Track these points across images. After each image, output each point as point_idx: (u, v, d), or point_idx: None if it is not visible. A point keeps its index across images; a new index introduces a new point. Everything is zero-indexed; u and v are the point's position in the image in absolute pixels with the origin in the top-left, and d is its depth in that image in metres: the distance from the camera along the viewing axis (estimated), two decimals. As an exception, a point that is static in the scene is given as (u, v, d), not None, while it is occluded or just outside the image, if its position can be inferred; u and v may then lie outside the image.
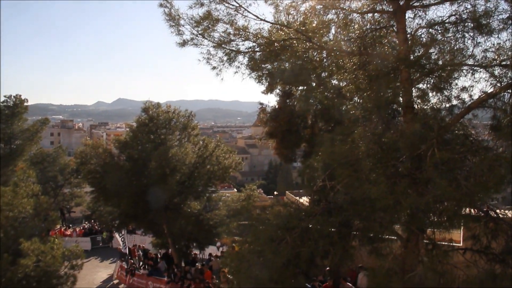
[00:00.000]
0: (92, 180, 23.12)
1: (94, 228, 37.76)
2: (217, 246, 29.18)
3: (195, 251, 26.76)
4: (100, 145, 23.49)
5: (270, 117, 21.52)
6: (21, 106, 40.07)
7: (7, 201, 13.50)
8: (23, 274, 12.54)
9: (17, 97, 40.26)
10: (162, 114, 23.60)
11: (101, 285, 27.38)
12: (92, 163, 22.77)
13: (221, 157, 23.76)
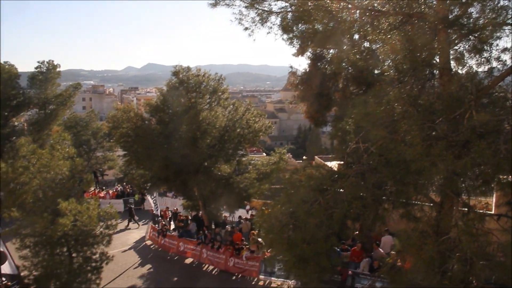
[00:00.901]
0: (124, 143, 23.45)
1: (126, 191, 38.61)
2: (246, 209, 29.52)
3: (225, 213, 27.15)
4: (131, 109, 23.70)
5: (301, 80, 21.29)
6: (54, 71, 40.60)
7: (44, 163, 13.86)
8: (62, 233, 12.97)
9: (50, 63, 40.78)
10: (193, 77, 23.51)
11: (134, 245, 28.19)
12: (124, 127, 23.02)
13: (251, 121, 23.72)
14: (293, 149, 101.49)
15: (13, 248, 16.23)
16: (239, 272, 22.33)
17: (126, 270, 23.92)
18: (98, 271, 14.82)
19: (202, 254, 24.24)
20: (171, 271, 23.98)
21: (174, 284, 22.24)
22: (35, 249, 14.10)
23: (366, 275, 18.36)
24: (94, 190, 37.19)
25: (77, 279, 14.36)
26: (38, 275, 14.37)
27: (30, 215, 13.47)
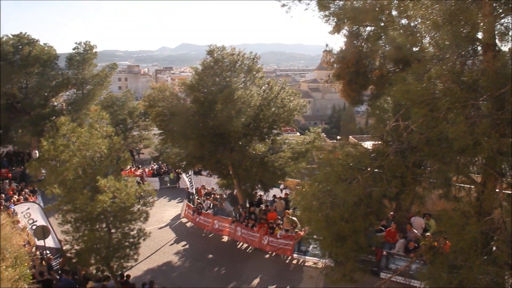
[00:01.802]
0: (160, 122, 23.69)
1: (162, 169, 39.18)
2: (280, 188, 29.56)
3: (259, 192, 27.25)
4: (167, 88, 23.87)
5: (337, 58, 20.99)
6: (90, 52, 41.28)
7: (84, 141, 14.16)
8: (101, 209, 13.29)
9: (87, 44, 41.42)
10: (227, 56, 23.44)
11: (170, 222, 28.73)
12: (160, 106, 23.25)
13: (286, 100, 23.54)
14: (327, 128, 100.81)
15: (56, 223, 16.76)
16: (273, 250, 22.50)
17: (162, 246, 24.45)
18: (136, 247, 15.16)
19: (236, 232, 24.51)
20: (205, 249, 24.34)
21: (208, 261, 22.60)
22: (76, 224, 14.49)
23: (401, 256, 18.22)
24: (130, 168, 37.88)
25: (116, 254, 14.73)
26: (79, 249, 14.80)
27: (71, 192, 13.82)
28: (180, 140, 23.52)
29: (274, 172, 23.37)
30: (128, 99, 49.62)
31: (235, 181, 25.12)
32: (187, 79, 26.51)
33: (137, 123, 48.70)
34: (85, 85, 41.57)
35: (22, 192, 28.78)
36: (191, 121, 22.01)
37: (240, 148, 23.15)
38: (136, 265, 19.12)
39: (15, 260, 8.47)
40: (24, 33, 41.10)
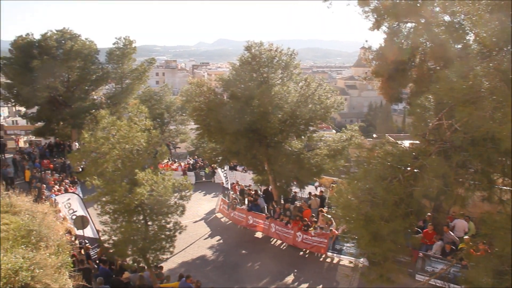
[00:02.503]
0: (197, 117, 23.84)
1: (197, 163, 39.52)
2: (315, 185, 29.39)
3: (294, 189, 27.16)
4: (204, 84, 24.00)
5: (376, 55, 20.65)
6: (130, 47, 42.08)
7: (123, 134, 14.40)
8: (139, 201, 13.49)
9: (126, 39, 42.22)
10: (265, 52, 23.39)
11: (205, 217, 28.98)
12: (197, 101, 23.41)
13: (323, 97, 23.32)
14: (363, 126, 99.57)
15: (94, 213, 17.13)
16: (307, 248, 22.40)
17: (197, 240, 24.68)
18: (172, 239, 15.33)
19: (270, 228, 24.49)
20: (239, 244, 24.45)
21: (242, 257, 22.67)
22: (114, 215, 14.75)
23: (438, 259, 17.82)
24: (166, 162, 38.37)
25: (152, 246, 14.93)
26: (116, 240, 15.07)
27: (110, 184, 14.08)
28: (216, 135, 23.65)
29: (309, 169, 23.22)
30: (165, 93, 50.36)
31: (270, 177, 25.09)
32: (224, 74, 26.62)
33: (174, 118, 49.40)
34: (124, 79, 42.42)
35: (62, 182, 29.53)
36: (227, 117, 22.08)
37: (276, 144, 23.11)
38: (171, 258, 19.41)
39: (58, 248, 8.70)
40: (67, 28, 42.22)
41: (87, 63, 40.76)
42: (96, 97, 43.93)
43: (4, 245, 7.86)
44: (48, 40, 39.91)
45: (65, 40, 40.59)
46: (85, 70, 40.69)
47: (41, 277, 7.50)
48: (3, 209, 9.48)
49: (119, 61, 41.56)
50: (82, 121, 39.36)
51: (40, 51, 39.70)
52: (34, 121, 44.95)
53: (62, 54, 39.77)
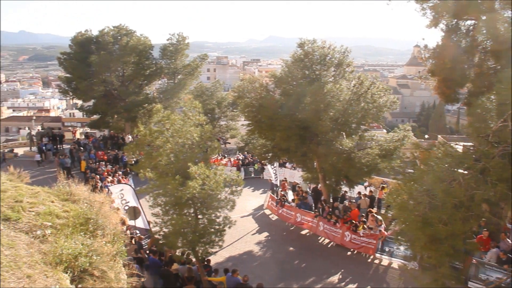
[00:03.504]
0: (248, 113, 23.92)
1: (247, 159, 39.70)
2: (365, 185, 28.97)
3: (344, 188, 26.85)
4: (256, 80, 24.08)
5: (432, 54, 20.08)
6: (183, 43, 42.84)
7: (177, 129, 14.66)
8: (191, 195, 13.68)
9: (180, 35, 42.98)
10: (318, 49, 23.21)
11: (253, 212, 29.08)
12: (249, 97, 23.51)
13: (376, 95, 22.88)
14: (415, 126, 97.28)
15: (146, 205, 17.52)
16: (355, 248, 22.13)
17: (244, 235, 24.80)
18: (221, 233, 15.44)
19: (318, 227, 24.34)
20: (286, 241, 24.41)
21: (289, 254, 22.63)
22: (165, 208, 15.01)
23: (493, 267, 17.11)
24: (216, 157, 38.79)
25: (202, 239, 15.10)
26: (167, 232, 15.34)
27: (163, 177, 14.36)
28: (267, 131, 23.68)
29: (360, 168, 22.85)
30: (217, 89, 50.94)
31: (320, 175, 24.91)
32: (275, 71, 26.61)
33: (224, 113, 49.87)
34: (176, 74, 43.23)
35: (115, 174, 30.38)
36: (279, 113, 22.07)
37: (327, 142, 22.88)
38: (218, 252, 19.58)
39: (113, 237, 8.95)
40: (123, 25, 43.45)
41: (141, 59, 41.82)
42: (149, 91, 45.00)
43: (65, 231, 8.16)
44: (105, 36, 41.28)
45: (121, 36, 41.86)
46: (139, 65, 41.77)
47: (98, 264, 7.74)
48: (64, 197, 9.83)
49: (172, 57, 42.42)
50: (135, 115, 40.43)
51: (98, 46, 41.16)
52: (90, 114, 46.59)
53: (118, 50, 41.04)
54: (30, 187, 9.91)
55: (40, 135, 42.02)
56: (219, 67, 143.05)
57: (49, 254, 7.24)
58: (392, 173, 22.57)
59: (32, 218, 8.24)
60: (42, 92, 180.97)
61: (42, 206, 8.84)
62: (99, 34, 42.05)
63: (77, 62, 41.03)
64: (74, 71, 41.37)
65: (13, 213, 7.99)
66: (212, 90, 50.72)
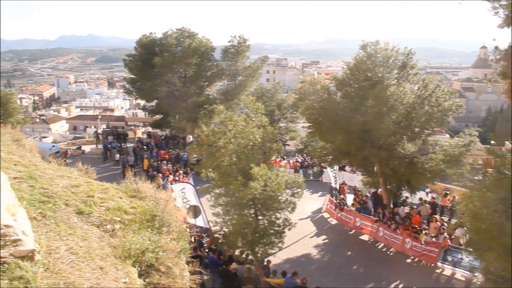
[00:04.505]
0: (309, 115, 23.84)
1: (306, 162, 39.49)
2: (426, 191, 28.16)
3: (405, 194, 26.22)
4: (318, 82, 23.95)
5: (504, 55, 19.20)
6: (244, 45, 43.27)
7: (240, 130, 14.83)
8: (252, 196, 13.79)
9: (241, 37, 43.50)
10: (380, 51, 22.82)
11: (311, 215, 28.95)
12: (310, 99, 23.43)
13: (441, 99, 22.15)
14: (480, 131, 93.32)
15: (207, 204, 17.84)
16: (416, 255, 21.59)
17: (302, 238, 24.73)
18: (281, 235, 15.48)
19: (378, 232, 23.92)
20: (345, 245, 24.17)
21: (347, 258, 22.39)
22: (226, 207, 15.23)
23: None
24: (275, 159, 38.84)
25: (262, 240, 15.19)
26: (227, 232, 15.55)
27: (225, 177, 14.57)
28: (328, 134, 23.54)
29: (423, 173, 22.21)
30: (277, 91, 51.17)
31: (381, 179, 24.44)
32: (335, 73, 26.37)
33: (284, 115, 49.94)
34: (237, 76, 43.69)
35: (176, 173, 31.06)
36: (340, 116, 21.85)
37: (388, 146, 22.43)
38: (276, 253, 19.63)
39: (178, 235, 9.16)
40: (185, 27, 44.56)
41: (203, 60, 42.65)
42: (209, 92, 45.79)
43: (132, 227, 8.44)
44: (168, 38, 42.43)
45: (184, 38, 42.89)
46: (201, 66, 42.61)
47: (164, 260, 7.95)
48: (131, 193, 10.17)
49: (233, 59, 42.95)
50: (196, 115, 41.28)
51: (161, 48, 42.39)
52: (152, 114, 48.01)
53: (180, 52, 42.09)
54: (100, 183, 10.34)
55: (106, 133, 43.75)
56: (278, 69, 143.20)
57: (119, 248, 7.50)
58: (460, 179, 21.80)
59: (103, 212, 8.58)
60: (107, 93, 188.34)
61: (112, 201, 9.17)
62: (163, 37, 43.31)
63: (142, 64, 42.48)
64: (139, 72, 42.88)
65: (85, 207, 8.34)
66: (272, 92, 50.99)
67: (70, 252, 6.22)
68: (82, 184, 9.61)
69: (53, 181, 9.26)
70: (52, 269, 5.40)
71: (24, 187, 8.30)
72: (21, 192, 7.73)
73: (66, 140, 58.75)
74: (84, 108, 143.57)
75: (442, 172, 22.02)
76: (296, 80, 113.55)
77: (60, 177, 9.83)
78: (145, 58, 42.32)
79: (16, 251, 4.90)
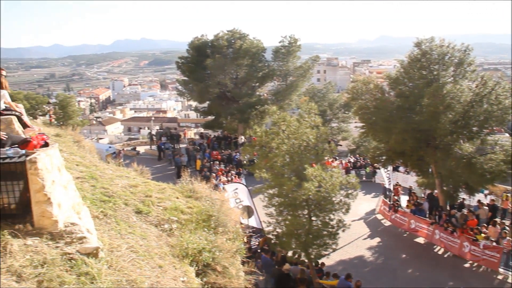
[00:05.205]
0: (362, 115, 23.56)
1: (358, 162, 38.91)
2: (484, 193, 27.14)
3: (462, 195, 25.38)
4: (371, 81, 23.61)
5: None
6: (295, 45, 43.27)
7: (293, 130, 14.82)
8: (306, 197, 13.75)
9: (292, 37, 43.53)
10: (436, 48, 22.24)
11: (364, 217, 28.54)
12: (363, 99, 23.12)
13: (501, 96, 21.25)
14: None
15: (259, 205, 17.91)
16: (475, 260, 20.83)
17: (355, 239, 24.41)
18: (335, 237, 15.36)
19: (434, 235, 23.28)
20: (400, 247, 23.70)
21: (402, 261, 21.95)
22: (279, 208, 15.26)
23: None
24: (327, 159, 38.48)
25: (315, 241, 15.13)
26: (280, 232, 15.57)
27: (278, 177, 14.59)
28: (381, 134, 23.16)
29: (482, 175, 21.37)
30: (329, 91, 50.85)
31: (437, 181, 23.78)
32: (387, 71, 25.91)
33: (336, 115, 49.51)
34: (288, 76, 43.68)
35: (228, 173, 31.36)
36: (394, 116, 21.46)
37: (445, 146, 21.79)
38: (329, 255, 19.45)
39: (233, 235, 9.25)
40: (236, 29, 44.97)
41: (254, 61, 42.90)
42: (261, 93, 45.97)
43: (189, 227, 8.59)
44: (219, 40, 43.03)
45: (235, 39, 43.33)
46: (252, 67, 42.87)
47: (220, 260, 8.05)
48: (187, 193, 10.35)
49: (284, 59, 42.96)
50: (248, 116, 41.55)
51: (213, 50, 42.96)
52: (204, 115, 48.71)
53: (231, 53, 42.53)
54: (157, 183, 10.60)
55: (159, 134, 44.81)
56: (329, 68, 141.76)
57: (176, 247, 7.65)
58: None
59: (160, 212, 8.78)
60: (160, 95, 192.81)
61: (169, 201, 9.38)
62: (214, 39, 43.92)
63: (194, 66, 43.24)
64: (191, 74, 43.67)
65: (144, 207, 8.57)
66: (324, 92, 50.72)
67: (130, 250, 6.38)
68: (140, 184, 9.87)
69: (112, 181, 9.56)
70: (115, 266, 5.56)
71: (86, 187, 8.62)
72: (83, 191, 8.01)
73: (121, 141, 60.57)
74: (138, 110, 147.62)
75: (503, 174, 21.08)
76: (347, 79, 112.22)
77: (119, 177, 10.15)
78: (197, 60, 43.01)
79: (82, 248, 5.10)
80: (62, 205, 5.35)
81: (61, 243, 5.05)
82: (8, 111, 9.10)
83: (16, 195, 5.02)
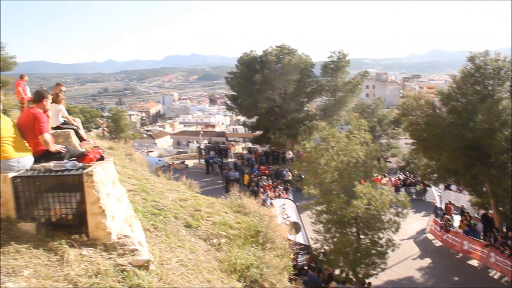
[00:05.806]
0: (413, 131, 23.09)
1: (408, 179, 38.00)
2: (544, 215, 25.89)
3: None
4: (422, 97, 23.15)
5: None
6: (343, 60, 43.16)
7: (342, 147, 14.70)
8: (355, 214, 13.57)
9: (341, 52, 43.43)
10: (491, 63, 21.65)
11: (414, 236, 27.73)
12: (414, 115, 22.68)
13: None
14: None
15: (307, 221, 17.76)
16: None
17: (405, 259, 23.72)
18: (384, 256, 15.04)
19: (489, 258, 22.28)
20: (451, 270, 22.85)
21: (454, 284, 21.14)
22: (327, 225, 15.10)
23: None
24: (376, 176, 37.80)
25: (364, 260, 14.85)
26: (328, 250, 15.38)
27: (327, 194, 14.47)
28: (433, 151, 22.58)
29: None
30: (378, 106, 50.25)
31: (492, 200, 22.88)
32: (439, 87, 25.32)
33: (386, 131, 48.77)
34: (337, 91, 43.48)
35: (276, 188, 31.30)
36: (446, 132, 20.90)
37: (501, 164, 20.98)
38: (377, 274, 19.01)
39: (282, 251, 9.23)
40: (285, 44, 45.28)
41: (303, 77, 43.01)
42: (309, 108, 45.91)
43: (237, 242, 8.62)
44: (268, 55, 43.39)
45: (284, 55, 43.63)
46: (301, 83, 42.99)
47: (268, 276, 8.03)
48: (236, 208, 10.43)
49: (333, 74, 42.85)
50: (296, 132, 41.52)
51: (261, 65, 43.37)
52: (253, 130, 49.03)
53: (280, 68, 42.74)
54: (207, 198, 10.72)
55: (208, 148, 45.41)
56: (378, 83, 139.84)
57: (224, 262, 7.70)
58: None
59: (209, 226, 8.87)
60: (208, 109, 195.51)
61: (217, 216, 9.47)
62: (263, 54, 44.37)
63: (243, 81, 43.77)
64: (240, 89, 44.21)
65: (193, 221, 8.68)
66: (373, 108, 50.16)
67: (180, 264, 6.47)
68: (189, 198, 10.03)
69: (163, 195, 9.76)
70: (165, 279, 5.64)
71: (138, 200, 8.83)
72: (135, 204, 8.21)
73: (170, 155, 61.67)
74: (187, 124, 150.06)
75: None
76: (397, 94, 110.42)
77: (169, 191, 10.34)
78: (246, 75, 43.54)
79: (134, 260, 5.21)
80: (116, 218, 5.52)
81: (114, 254, 5.19)
82: (66, 125, 9.51)
83: (73, 206, 5.24)
